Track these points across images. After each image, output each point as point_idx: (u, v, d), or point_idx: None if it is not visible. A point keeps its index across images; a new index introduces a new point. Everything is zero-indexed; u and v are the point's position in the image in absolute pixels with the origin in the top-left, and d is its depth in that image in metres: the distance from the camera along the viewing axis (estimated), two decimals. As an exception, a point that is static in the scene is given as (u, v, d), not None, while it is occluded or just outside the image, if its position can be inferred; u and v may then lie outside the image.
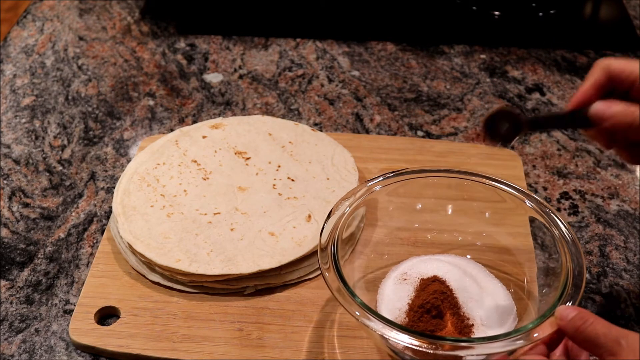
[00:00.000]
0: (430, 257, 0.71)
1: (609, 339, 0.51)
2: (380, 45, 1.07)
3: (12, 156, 0.89)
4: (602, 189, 0.83)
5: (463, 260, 0.71)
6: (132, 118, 0.94)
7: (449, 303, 0.65)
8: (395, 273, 0.70)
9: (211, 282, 0.70)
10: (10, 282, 0.74)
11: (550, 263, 0.67)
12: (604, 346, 0.51)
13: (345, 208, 0.68)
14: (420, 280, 0.67)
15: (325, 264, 0.62)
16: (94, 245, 0.77)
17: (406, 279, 0.68)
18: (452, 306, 0.65)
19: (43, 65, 1.04)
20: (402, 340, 0.57)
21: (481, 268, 0.70)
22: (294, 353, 0.66)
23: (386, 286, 0.69)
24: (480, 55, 1.05)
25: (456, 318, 0.64)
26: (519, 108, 0.95)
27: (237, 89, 0.99)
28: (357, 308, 0.59)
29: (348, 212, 0.67)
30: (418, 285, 0.67)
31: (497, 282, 0.68)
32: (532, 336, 0.56)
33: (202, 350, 0.66)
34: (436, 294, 0.65)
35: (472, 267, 0.70)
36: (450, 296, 0.65)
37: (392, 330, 0.57)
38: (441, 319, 0.64)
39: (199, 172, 0.80)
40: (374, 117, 0.94)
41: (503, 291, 0.68)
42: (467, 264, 0.70)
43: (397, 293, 0.67)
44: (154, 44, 1.08)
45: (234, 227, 0.74)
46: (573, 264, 0.62)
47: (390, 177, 0.71)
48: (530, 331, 0.56)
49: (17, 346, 0.68)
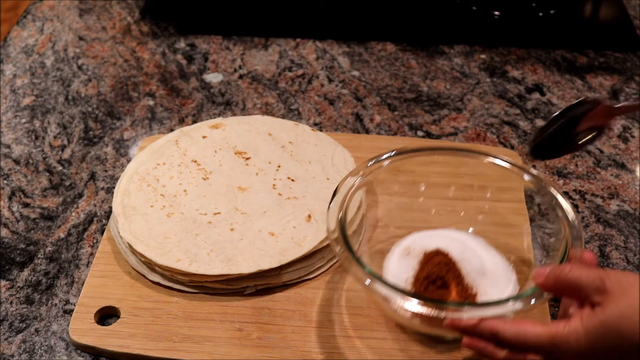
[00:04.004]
0: (431, 231, 0.74)
1: (592, 278, 0.53)
2: (380, 45, 1.07)
3: (12, 156, 0.89)
4: (602, 189, 0.83)
5: (464, 234, 0.73)
6: (132, 118, 0.94)
7: (453, 274, 0.67)
8: (398, 248, 0.72)
9: (211, 282, 0.70)
10: (10, 282, 0.74)
11: (549, 233, 0.69)
12: (589, 285, 0.52)
13: (349, 186, 0.69)
14: (424, 253, 0.70)
15: (335, 237, 0.64)
16: (94, 245, 0.77)
17: (409, 253, 0.71)
18: (456, 277, 0.67)
19: (43, 65, 1.04)
20: (412, 307, 0.58)
21: (482, 240, 0.72)
22: (294, 353, 0.66)
23: (390, 261, 0.71)
24: (480, 55, 1.05)
25: (461, 287, 0.66)
26: (519, 108, 0.95)
27: (237, 89, 0.99)
28: (367, 276, 0.61)
29: (353, 190, 0.69)
30: (422, 258, 0.69)
31: (497, 253, 0.71)
32: (529, 301, 0.58)
33: (202, 350, 0.66)
34: (440, 265, 0.67)
35: (472, 240, 0.73)
36: (453, 267, 0.68)
37: (403, 296, 0.59)
38: (446, 289, 0.66)
39: (199, 172, 0.80)
40: (374, 117, 0.94)
41: (504, 262, 0.70)
42: (468, 237, 0.73)
43: (402, 267, 0.69)
44: (154, 44, 1.08)
45: (234, 227, 0.74)
46: (572, 232, 0.63)
47: (391, 156, 0.72)
48: (529, 297, 0.58)
49: (17, 346, 0.68)
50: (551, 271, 0.56)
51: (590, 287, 0.52)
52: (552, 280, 0.55)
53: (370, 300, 0.70)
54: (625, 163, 0.86)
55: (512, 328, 0.54)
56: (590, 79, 0.99)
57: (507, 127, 0.92)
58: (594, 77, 0.99)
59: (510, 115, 0.94)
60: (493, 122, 0.93)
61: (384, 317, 0.68)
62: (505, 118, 0.93)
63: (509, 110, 0.95)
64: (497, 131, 0.91)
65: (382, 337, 0.67)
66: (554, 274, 0.55)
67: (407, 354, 0.66)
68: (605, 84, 0.98)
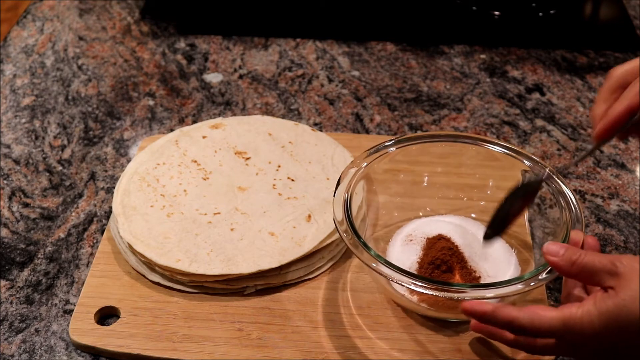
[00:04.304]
0: (432, 218, 0.76)
1: (604, 263, 0.53)
2: (380, 45, 1.07)
3: (12, 156, 0.89)
4: (602, 189, 0.83)
5: (464, 220, 0.75)
6: (132, 118, 0.94)
7: (456, 258, 0.69)
8: (400, 235, 0.74)
9: (211, 282, 0.70)
10: (10, 282, 0.74)
11: (550, 217, 0.71)
12: (602, 270, 0.53)
13: (351, 175, 0.70)
14: (427, 239, 0.71)
15: (342, 224, 0.65)
16: (94, 245, 0.77)
17: (412, 239, 0.72)
18: (460, 261, 0.69)
19: (43, 65, 1.04)
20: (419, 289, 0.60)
21: (482, 225, 0.73)
22: (294, 353, 0.66)
23: (394, 248, 0.72)
24: (480, 55, 1.05)
25: (464, 271, 0.68)
26: (519, 108, 0.95)
27: (237, 89, 0.99)
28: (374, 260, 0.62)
29: (356, 180, 0.70)
30: (425, 244, 0.71)
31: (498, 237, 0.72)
32: (529, 283, 0.59)
33: (202, 350, 0.66)
34: (444, 250, 0.69)
35: (472, 225, 0.74)
36: (457, 252, 0.69)
37: (409, 278, 0.60)
38: (451, 274, 0.68)
39: (199, 172, 0.80)
40: (374, 117, 0.94)
41: (505, 245, 0.72)
42: (468, 222, 0.75)
43: (405, 253, 0.71)
44: (154, 44, 1.08)
45: (234, 227, 0.74)
46: (572, 215, 0.65)
47: (390, 145, 0.73)
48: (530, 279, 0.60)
49: (17, 346, 0.68)
50: (566, 254, 0.56)
51: (603, 271, 0.53)
52: (567, 264, 0.55)
53: (378, 286, 0.70)
54: (625, 163, 0.86)
55: (526, 314, 0.55)
56: (590, 79, 0.99)
57: (507, 127, 0.92)
58: (594, 77, 0.99)
59: (510, 115, 0.94)
60: (493, 122, 0.93)
61: (387, 299, 0.69)
62: (505, 118, 0.93)
63: (509, 110, 0.95)
64: (497, 131, 0.91)
65: (382, 337, 0.67)
66: (569, 259, 0.55)
67: (407, 354, 0.66)
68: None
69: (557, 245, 0.57)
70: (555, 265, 0.56)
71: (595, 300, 0.52)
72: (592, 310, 0.52)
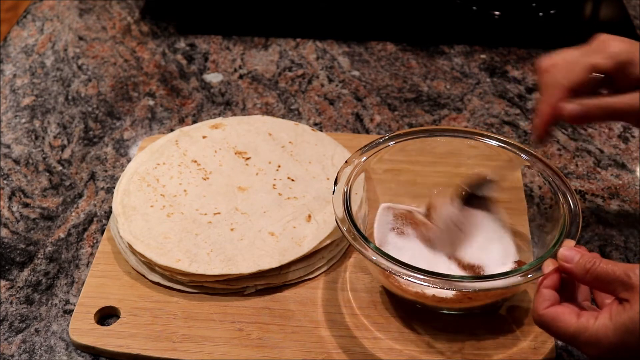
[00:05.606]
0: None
1: (620, 273, 0.53)
2: (380, 45, 1.07)
3: (12, 156, 0.89)
4: (602, 189, 0.83)
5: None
6: (132, 118, 0.94)
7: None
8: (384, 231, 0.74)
9: (211, 282, 0.70)
10: (10, 282, 0.74)
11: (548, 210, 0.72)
12: (616, 281, 0.53)
13: (350, 171, 0.70)
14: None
15: (342, 218, 0.65)
16: (94, 245, 0.77)
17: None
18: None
19: (43, 65, 1.04)
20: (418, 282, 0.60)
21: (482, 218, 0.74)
22: (294, 353, 0.66)
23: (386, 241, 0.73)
24: (480, 55, 1.05)
25: (465, 264, 0.69)
26: (519, 108, 0.95)
27: (237, 89, 0.99)
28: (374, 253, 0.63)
29: (354, 176, 0.70)
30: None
31: (499, 229, 0.73)
32: (527, 276, 0.60)
33: (202, 350, 0.66)
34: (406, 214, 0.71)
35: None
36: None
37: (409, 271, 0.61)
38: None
39: (199, 172, 0.80)
40: (374, 117, 0.94)
41: (505, 238, 0.72)
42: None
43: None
44: (154, 44, 1.08)
45: (234, 227, 0.74)
46: (569, 208, 0.65)
47: (387, 139, 0.74)
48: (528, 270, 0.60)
49: (17, 346, 0.68)
50: (580, 261, 0.56)
51: (617, 282, 0.53)
52: (582, 272, 0.55)
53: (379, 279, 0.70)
54: (625, 163, 0.86)
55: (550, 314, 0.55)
56: (590, 79, 0.99)
57: (507, 127, 0.92)
58: (594, 77, 0.99)
59: (511, 115, 0.94)
60: (493, 122, 0.93)
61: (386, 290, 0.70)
62: (506, 118, 0.93)
63: (509, 110, 0.95)
64: (497, 131, 0.91)
65: (382, 337, 0.67)
66: (584, 267, 0.55)
67: (407, 354, 0.66)
68: (605, 84, 0.98)
69: (572, 252, 0.57)
70: (569, 272, 0.56)
71: (611, 313, 0.53)
72: (607, 323, 0.52)
